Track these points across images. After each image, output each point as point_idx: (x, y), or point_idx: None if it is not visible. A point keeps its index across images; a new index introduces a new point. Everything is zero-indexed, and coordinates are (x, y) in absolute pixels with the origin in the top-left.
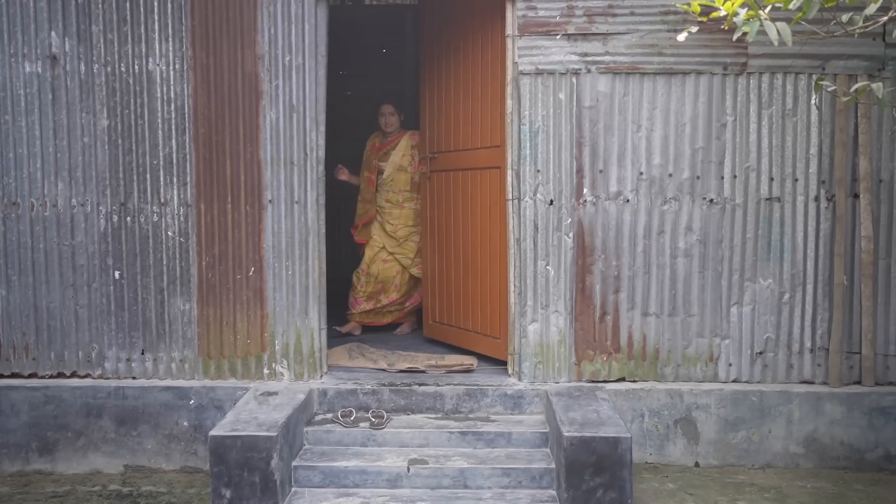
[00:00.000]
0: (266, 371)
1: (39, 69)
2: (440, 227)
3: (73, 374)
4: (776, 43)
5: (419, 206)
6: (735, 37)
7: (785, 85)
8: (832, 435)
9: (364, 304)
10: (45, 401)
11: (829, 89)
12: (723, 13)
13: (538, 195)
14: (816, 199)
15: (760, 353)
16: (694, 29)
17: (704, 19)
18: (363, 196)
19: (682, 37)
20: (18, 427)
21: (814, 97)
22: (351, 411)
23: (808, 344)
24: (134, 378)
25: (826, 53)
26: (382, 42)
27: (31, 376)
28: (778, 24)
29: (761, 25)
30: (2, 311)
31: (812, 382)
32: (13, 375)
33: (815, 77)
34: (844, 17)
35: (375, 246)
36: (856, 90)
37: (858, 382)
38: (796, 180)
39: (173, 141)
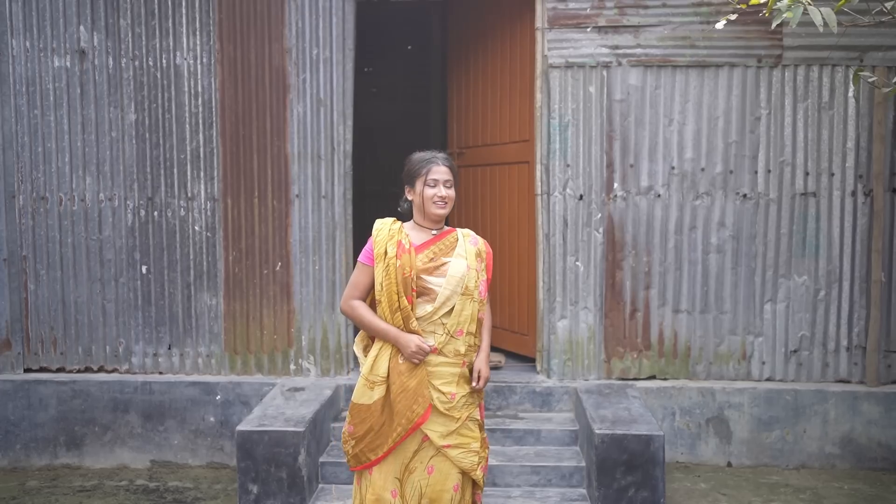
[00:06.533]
0: (292, 367)
1: (68, 63)
2: (467, 224)
3: (101, 369)
4: (821, 29)
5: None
6: (775, 24)
7: (821, 77)
8: (869, 435)
9: None
10: (73, 395)
11: (870, 80)
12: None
13: (567, 190)
14: (853, 193)
15: (795, 351)
16: (733, 17)
17: (743, 6)
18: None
19: (720, 25)
20: (47, 421)
21: (851, 89)
22: None
23: (844, 342)
24: (161, 373)
25: (864, 45)
26: (408, 38)
27: (58, 371)
28: (823, 9)
29: (805, 12)
30: (30, 305)
31: (848, 381)
32: (41, 370)
33: (852, 69)
34: (889, 5)
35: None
36: None
37: None
38: (832, 175)
39: (200, 135)
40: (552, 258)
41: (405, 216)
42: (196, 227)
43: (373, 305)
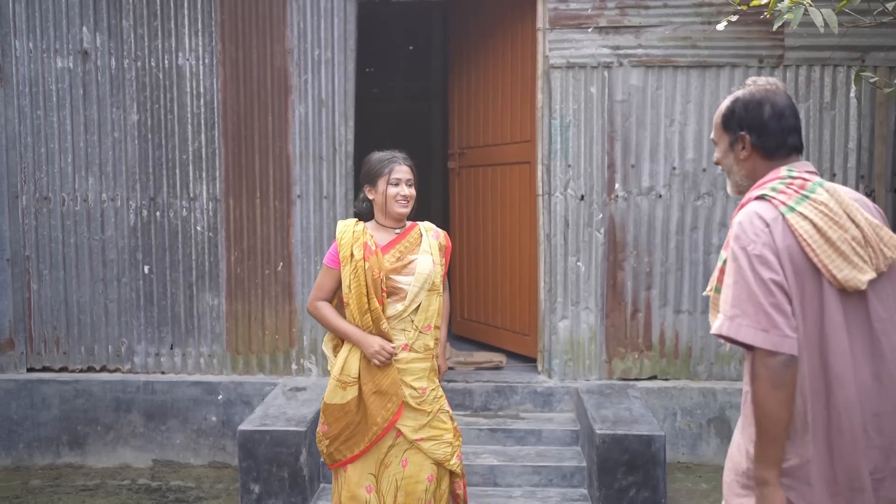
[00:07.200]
0: (294, 367)
1: (71, 64)
2: (469, 224)
3: (103, 369)
4: (822, 29)
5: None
6: (776, 25)
7: (823, 78)
8: None
9: None
10: (76, 395)
11: (872, 81)
12: (764, 0)
13: (569, 190)
14: None
15: None
16: (734, 17)
17: (745, 7)
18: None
19: (721, 25)
20: (49, 420)
21: (853, 90)
22: None
23: None
24: (163, 373)
25: (866, 45)
26: (409, 39)
27: (61, 370)
28: (823, 10)
29: (806, 12)
30: (33, 305)
31: None
32: (44, 369)
33: (853, 69)
34: (890, 5)
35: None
36: None
37: None
38: (834, 175)
39: (202, 136)
40: (553, 258)
41: (363, 216)
42: (198, 228)
43: (340, 307)
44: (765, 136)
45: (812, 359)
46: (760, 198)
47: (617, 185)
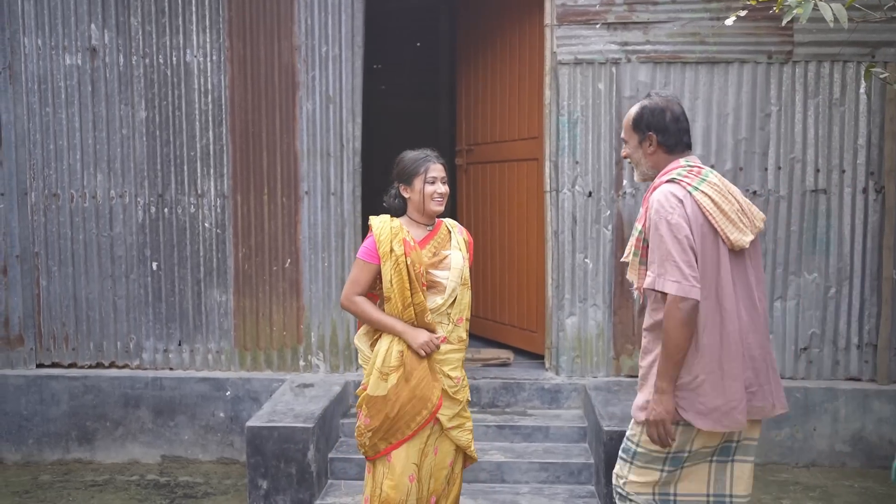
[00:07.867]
0: (302, 363)
1: (79, 61)
2: (476, 220)
3: (112, 365)
4: (832, 24)
5: None
6: (785, 20)
7: (832, 73)
8: (880, 434)
9: None
10: (85, 391)
11: (882, 76)
12: None
13: (576, 187)
14: (864, 190)
15: (805, 348)
16: (743, 13)
17: (754, 2)
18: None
19: (730, 21)
20: (59, 416)
21: (863, 85)
22: None
23: (854, 340)
24: (171, 369)
25: (876, 41)
26: (417, 36)
27: (70, 366)
28: (833, 5)
29: (815, 7)
30: (42, 301)
31: (859, 379)
32: (53, 365)
33: (863, 65)
34: None
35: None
36: None
37: None
38: (843, 171)
39: (210, 132)
40: (561, 255)
41: (393, 212)
42: (206, 224)
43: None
44: (667, 135)
45: (709, 300)
46: (671, 181)
47: (625, 182)
